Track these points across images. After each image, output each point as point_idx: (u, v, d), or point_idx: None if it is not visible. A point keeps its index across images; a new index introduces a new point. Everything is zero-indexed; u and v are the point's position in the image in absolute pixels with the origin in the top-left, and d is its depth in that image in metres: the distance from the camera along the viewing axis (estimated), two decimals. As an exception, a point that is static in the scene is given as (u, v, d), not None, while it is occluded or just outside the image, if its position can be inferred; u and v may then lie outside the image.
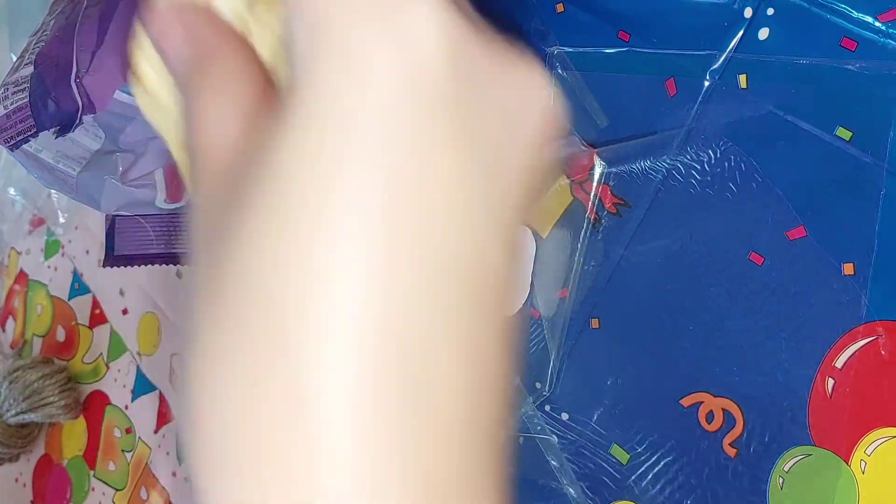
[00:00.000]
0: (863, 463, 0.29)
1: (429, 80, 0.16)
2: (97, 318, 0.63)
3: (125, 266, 0.48)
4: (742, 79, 0.32)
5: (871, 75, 0.29)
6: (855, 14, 0.30)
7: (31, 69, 0.40)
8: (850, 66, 0.30)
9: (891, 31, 0.29)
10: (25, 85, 0.40)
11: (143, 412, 0.58)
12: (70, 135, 0.41)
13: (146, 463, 0.57)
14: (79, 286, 0.65)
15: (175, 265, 0.48)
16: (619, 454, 0.34)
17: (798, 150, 0.31)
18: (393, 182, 0.15)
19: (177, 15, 0.19)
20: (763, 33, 0.32)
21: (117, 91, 0.38)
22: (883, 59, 0.29)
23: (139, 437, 0.58)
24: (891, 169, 0.29)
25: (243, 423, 0.15)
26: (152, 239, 0.48)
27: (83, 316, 0.64)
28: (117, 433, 0.60)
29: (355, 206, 0.15)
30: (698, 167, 0.33)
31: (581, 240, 0.36)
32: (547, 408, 0.36)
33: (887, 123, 0.29)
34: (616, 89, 0.36)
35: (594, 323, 0.35)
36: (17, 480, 0.69)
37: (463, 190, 0.16)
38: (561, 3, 0.38)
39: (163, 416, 0.57)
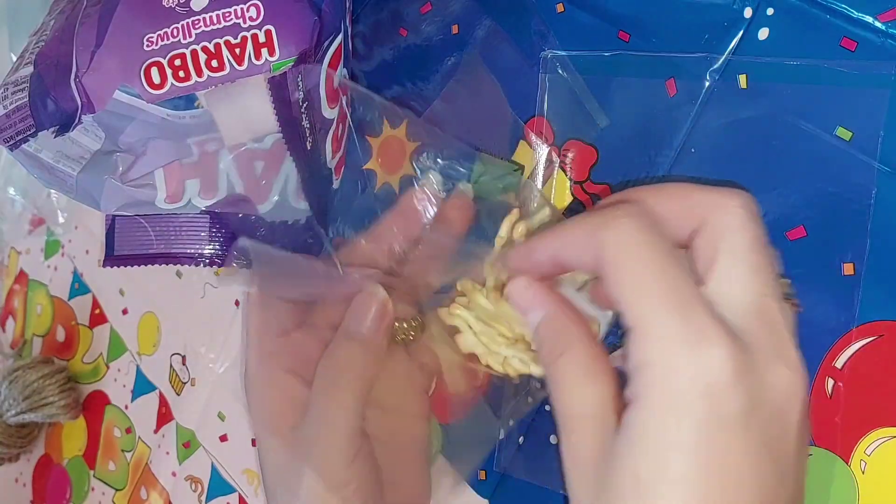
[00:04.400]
0: (863, 463, 0.29)
1: (728, 407, 0.22)
2: (97, 318, 0.63)
3: (125, 266, 0.48)
4: (742, 79, 0.32)
5: (871, 75, 0.29)
6: (855, 14, 0.30)
7: (30, 69, 0.40)
8: (849, 66, 0.30)
9: (891, 31, 0.29)
10: (25, 85, 0.40)
11: (142, 412, 0.58)
12: (70, 135, 0.41)
13: (146, 463, 0.57)
14: (79, 286, 0.65)
15: (175, 265, 0.48)
16: (619, 454, 0.34)
17: (798, 150, 0.31)
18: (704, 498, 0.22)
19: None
20: (763, 33, 0.32)
21: (117, 91, 0.38)
22: (883, 59, 0.29)
23: (139, 437, 0.58)
24: (882, 167, 0.29)
25: None
26: (152, 239, 0.48)
27: (83, 316, 0.64)
28: (117, 433, 0.60)
29: None
30: (698, 167, 0.33)
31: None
32: (547, 407, 0.36)
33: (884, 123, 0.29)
34: (616, 90, 0.36)
35: (594, 323, 0.35)
36: (17, 480, 0.69)
37: (762, 495, 0.22)
38: (561, 3, 0.38)
39: (163, 416, 0.57)
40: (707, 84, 0.33)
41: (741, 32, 0.32)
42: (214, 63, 0.37)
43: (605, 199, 0.29)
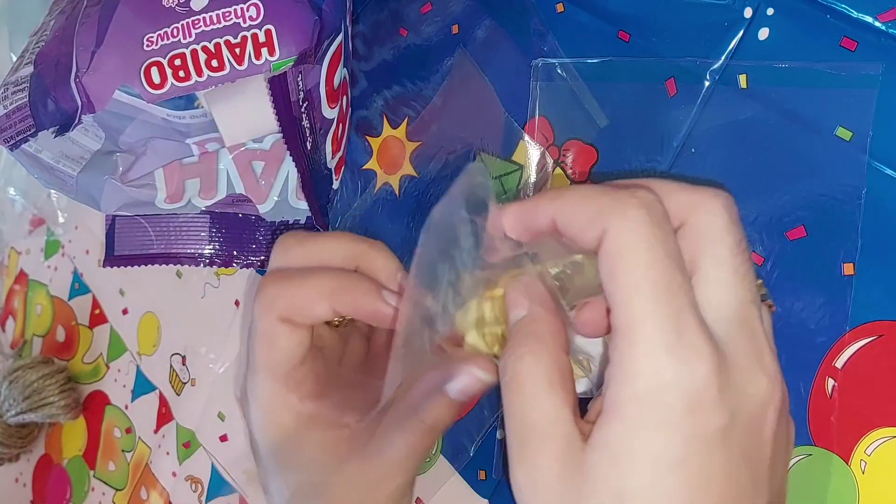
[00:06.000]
0: (863, 463, 0.29)
1: (712, 424, 0.22)
2: (97, 318, 0.63)
3: (125, 266, 0.48)
4: (742, 79, 0.32)
5: (871, 75, 0.29)
6: (855, 14, 0.30)
7: (30, 69, 0.40)
8: (837, 68, 0.30)
9: (891, 31, 0.29)
10: (25, 84, 0.40)
11: (142, 412, 0.58)
12: (70, 135, 0.41)
13: (146, 463, 0.57)
14: (79, 286, 0.65)
15: (175, 265, 0.48)
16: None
17: (798, 150, 0.31)
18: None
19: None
20: (763, 33, 0.32)
21: (117, 91, 0.38)
22: (883, 59, 0.29)
23: (139, 437, 0.58)
24: (873, 165, 0.29)
25: None
26: (152, 239, 0.48)
27: (83, 316, 0.64)
28: (117, 433, 0.60)
29: None
30: (698, 167, 0.33)
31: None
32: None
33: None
34: (616, 90, 0.36)
35: (594, 323, 0.35)
36: (17, 480, 0.69)
37: None
38: (561, 3, 0.38)
39: (163, 416, 0.57)
40: (707, 84, 0.33)
41: (741, 33, 0.32)
42: (214, 63, 0.37)
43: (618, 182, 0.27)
